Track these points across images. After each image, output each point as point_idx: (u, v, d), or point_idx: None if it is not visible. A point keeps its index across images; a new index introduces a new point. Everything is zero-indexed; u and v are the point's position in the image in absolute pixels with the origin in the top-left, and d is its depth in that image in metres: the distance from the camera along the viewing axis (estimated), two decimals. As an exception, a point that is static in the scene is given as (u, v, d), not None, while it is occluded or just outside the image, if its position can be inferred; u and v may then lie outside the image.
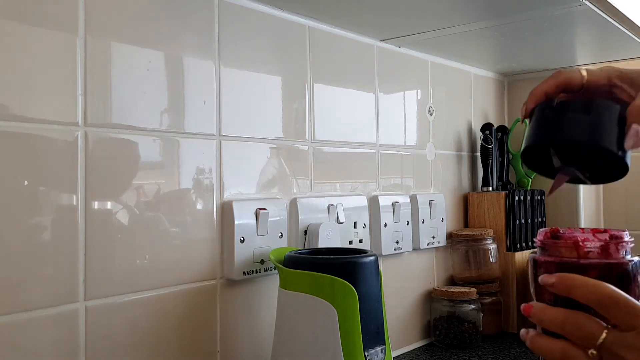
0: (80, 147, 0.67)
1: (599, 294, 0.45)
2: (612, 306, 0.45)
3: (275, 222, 0.87)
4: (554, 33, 1.10)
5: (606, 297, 0.45)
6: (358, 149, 1.07)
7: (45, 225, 0.64)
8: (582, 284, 0.46)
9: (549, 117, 0.53)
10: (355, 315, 0.72)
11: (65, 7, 0.66)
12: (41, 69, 0.64)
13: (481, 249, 1.25)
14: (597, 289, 0.46)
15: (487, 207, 1.32)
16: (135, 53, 0.73)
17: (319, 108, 0.99)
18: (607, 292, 0.45)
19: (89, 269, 0.68)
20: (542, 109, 0.54)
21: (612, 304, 0.45)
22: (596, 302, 0.45)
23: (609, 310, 0.45)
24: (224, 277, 0.82)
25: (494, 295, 1.25)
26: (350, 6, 0.92)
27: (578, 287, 0.47)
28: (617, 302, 0.45)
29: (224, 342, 0.82)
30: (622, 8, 0.96)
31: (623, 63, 1.46)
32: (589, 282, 0.46)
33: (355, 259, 0.75)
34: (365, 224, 1.05)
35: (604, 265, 0.48)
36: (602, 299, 0.45)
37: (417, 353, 1.14)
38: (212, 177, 0.81)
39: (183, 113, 0.78)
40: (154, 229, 0.74)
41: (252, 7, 0.88)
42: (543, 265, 0.51)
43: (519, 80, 1.52)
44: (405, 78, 1.20)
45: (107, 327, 0.69)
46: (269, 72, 0.91)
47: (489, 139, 1.35)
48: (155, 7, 0.75)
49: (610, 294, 0.45)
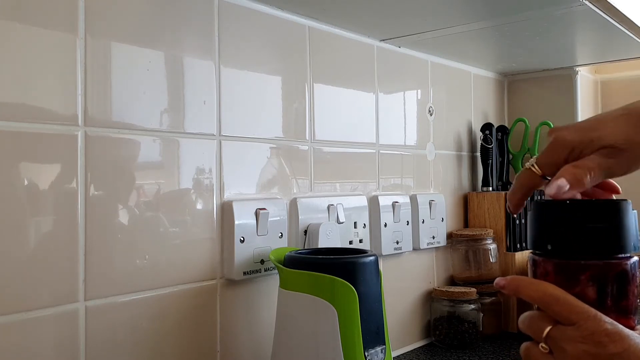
0: (80, 147, 0.67)
1: (541, 293, 0.49)
2: (553, 303, 0.48)
3: (275, 222, 0.87)
4: (554, 33, 1.10)
5: (547, 295, 0.49)
6: (358, 149, 1.07)
7: (45, 225, 0.64)
8: (527, 284, 0.51)
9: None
10: (355, 315, 0.72)
11: (65, 7, 0.66)
12: (41, 69, 0.64)
13: (481, 249, 1.25)
14: (540, 288, 0.49)
15: (487, 207, 1.32)
16: (135, 53, 0.73)
17: (319, 108, 0.99)
18: (549, 290, 0.49)
19: (89, 269, 0.68)
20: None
21: (552, 302, 0.48)
22: (539, 300, 0.49)
23: (551, 307, 0.48)
24: (224, 277, 0.82)
25: (494, 295, 1.25)
26: (350, 6, 0.92)
27: (524, 287, 0.51)
28: (557, 299, 0.48)
29: (224, 342, 0.82)
30: (622, 8, 0.96)
31: (623, 63, 1.46)
32: (534, 282, 0.50)
33: (355, 259, 0.75)
34: (365, 224, 1.05)
35: (602, 265, 0.48)
36: (543, 297, 0.49)
37: (417, 353, 1.14)
38: (212, 177, 0.81)
39: (183, 113, 0.78)
40: (154, 229, 0.74)
41: (252, 7, 0.88)
42: (542, 265, 0.51)
43: (519, 80, 1.52)
44: (405, 78, 1.20)
45: (107, 327, 0.69)
46: (269, 72, 0.91)
47: (489, 139, 1.35)
48: (155, 7, 0.75)
49: (551, 292, 0.49)
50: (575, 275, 0.48)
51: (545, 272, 0.50)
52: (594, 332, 0.46)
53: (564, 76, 1.45)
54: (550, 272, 0.50)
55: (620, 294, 0.49)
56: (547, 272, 0.50)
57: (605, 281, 0.48)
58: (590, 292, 0.48)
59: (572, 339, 0.46)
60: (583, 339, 0.46)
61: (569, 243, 0.49)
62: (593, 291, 0.48)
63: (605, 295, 0.48)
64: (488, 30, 1.06)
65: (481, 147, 1.36)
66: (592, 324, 0.46)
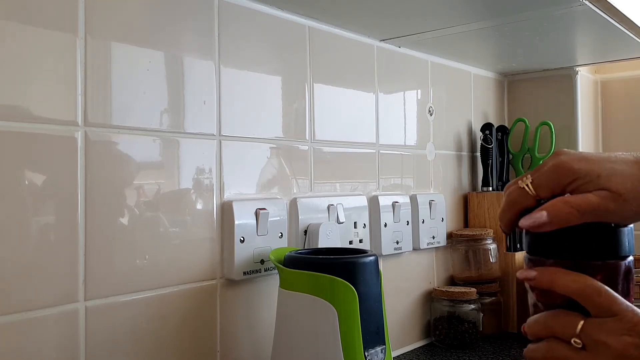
0: (80, 147, 0.67)
1: (582, 284, 0.46)
2: (594, 295, 0.46)
3: (275, 222, 0.87)
4: (553, 33, 1.10)
5: (588, 287, 0.46)
6: (358, 149, 1.07)
7: (45, 225, 0.64)
8: (565, 275, 0.47)
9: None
10: (355, 315, 0.72)
11: (65, 7, 0.66)
12: (41, 69, 0.64)
13: (481, 249, 1.25)
14: (580, 280, 0.47)
15: (487, 207, 1.32)
16: (135, 53, 0.73)
17: (319, 108, 0.99)
18: (589, 282, 0.46)
19: (89, 269, 0.68)
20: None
21: (594, 293, 0.46)
22: (578, 291, 0.46)
23: (592, 298, 0.46)
24: (224, 277, 0.82)
25: (494, 295, 1.25)
26: (350, 6, 0.92)
27: (561, 278, 0.47)
28: (599, 291, 0.46)
29: (224, 342, 0.82)
30: (622, 8, 0.96)
31: (623, 63, 1.46)
32: (571, 273, 0.47)
33: (355, 259, 0.75)
34: (365, 224, 1.05)
35: (614, 264, 0.48)
36: (584, 288, 0.46)
37: (417, 353, 1.14)
38: (212, 177, 0.81)
39: (183, 113, 0.78)
40: (154, 229, 0.74)
41: (252, 7, 0.88)
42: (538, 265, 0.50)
43: (519, 80, 1.52)
44: (405, 78, 1.20)
45: (107, 327, 0.69)
46: (269, 72, 0.91)
47: (489, 139, 1.35)
48: (155, 7, 0.75)
49: (591, 283, 0.46)
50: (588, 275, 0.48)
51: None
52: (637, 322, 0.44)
53: (564, 76, 1.45)
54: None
55: (627, 290, 0.49)
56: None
57: (616, 280, 0.48)
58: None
59: (615, 331, 0.44)
60: (627, 331, 0.44)
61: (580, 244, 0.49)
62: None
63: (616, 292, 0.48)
64: (488, 30, 1.06)
65: (481, 147, 1.36)
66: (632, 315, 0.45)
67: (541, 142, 1.41)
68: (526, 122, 1.41)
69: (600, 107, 1.61)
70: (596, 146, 1.59)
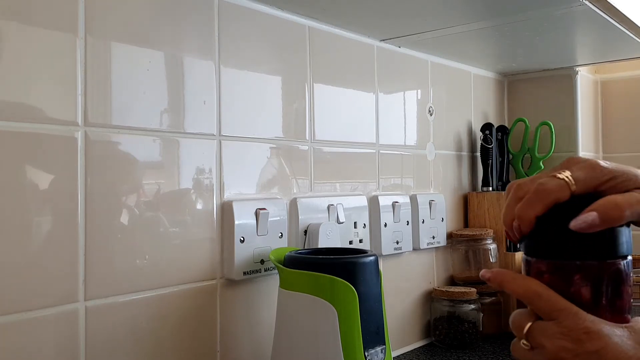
0: (80, 147, 0.67)
1: (524, 288, 0.49)
2: (535, 299, 0.48)
3: (275, 222, 0.87)
4: (554, 33, 1.10)
5: (530, 291, 0.48)
6: (358, 149, 1.07)
7: (45, 225, 0.64)
8: (511, 278, 0.50)
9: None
10: (355, 315, 0.72)
11: (65, 7, 0.66)
12: (41, 69, 0.64)
13: (481, 249, 1.25)
14: (523, 283, 0.49)
15: (487, 207, 1.32)
16: (135, 53, 0.73)
17: (319, 108, 0.99)
18: (532, 286, 0.48)
19: (89, 269, 0.68)
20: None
21: (535, 297, 0.48)
22: (522, 294, 0.49)
23: (533, 302, 0.48)
24: (224, 277, 0.82)
25: (494, 295, 1.25)
26: (350, 6, 0.92)
27: (507, 281, 0.50)
28: (539, 295, 0.48)
29: (224, 342, 0.82)
30: (622, 8, 0.96)
31: (623, 63, 1.46)
32: (518, 277, 0.50)
33: (355, 259, 0.75)
34: (365, 224, 1.05)
35: (597, 265, 0.48)
36: (526, 292, 0.48)
37: (417, 353, 1.14)
38: (212, 177, 0.81)
39: (183, 113, 0.78)
40: (154, 229, 0.74)
41: (252, 7, 0.88)
42: (535, 265, 0.50)
43: (519, 80, 1.52)
44: (405, 78, 1.20)
45: (107, 327, 0.69)
46: (269, 72, 0.91)
47: (489, 139, 1.35)
48: (155, 7, 0.75)
49: (534, 288, 0.48)
50: (570, 276, 0.48)
51: (539, 272, 0.50)
52: (572, 328, 0.46)
53: (564, 76, 1.45)
54: (544, 272, 0.50)
55: (615, 293, 0.49)
56: (540, 272, 0.50)
57: (600, 281, 0.48)
58: (585, 292, 0.48)
59: (552, 334, 0.46)
60: (562, 335, 0.46)
61: (564, 244, 0.49)
62: (587, 291, 0.48)
63: (600, 294, 0.48)
64: (488, 30, 1.06)
65: (481, 147, 1.36)
66: (571, 321, 0.46)
67: (541, 142, 1.41)
68: (526, 122, 1.41)
69: (600, 107, 1.61)
70: (596, 146, 1.59)
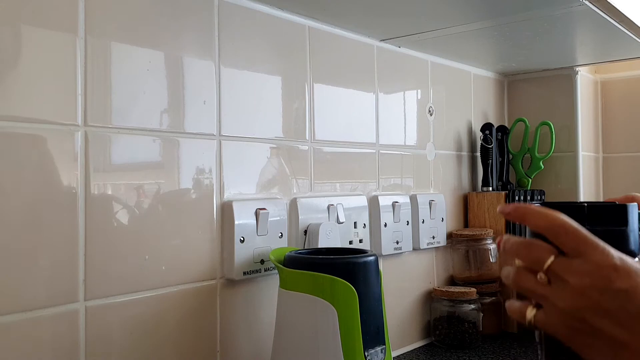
0: (80, 147, 0.67)
1: (550, 221, 0.46)
2: (562, 233, 0.46)
3: (275, 222, 0.87)
4: (554, 33, 1.10)
5: (557, 225, 0.46)
6: (358, 149, 1.07)
7: (45, 225, 0.64)
8: (535, 211, 0.48)
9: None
10: (355, 315, 0.72)
11: (65, 7, 0.66)
12: (41, 69, 0.64)
13: (481, 249, 1.25)
14: (549, 216, 0.47)
15: (487, 207, 1.32)
16: (135, 53, 0.73)
17: (319, 108, 0.99)
18: (559, 220, 0.46)
19: (89, 269, 0.68)
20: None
21: (562, 232, 0.46)
22: (547, 228, 0.47)
23: (559, 237, 0.46)
24: (224, 277, 0.82)
25: (494, 295, 1.25)
26: (350, 6, 0.92)
27: (531, 214, 0.48)
28: (566, 230, 0.46)
29: (224, 342, 0.82)
30: (622, 8, 0.96)
31: (623, 63, 1.46)
32: (542, 210, 0.48)
33: (355, 259, 0.75)
34: (365, 224, 1.05)
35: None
36: (552, 226, 0.46)
37: (417, 353, 1.14)
38: (212, 177, 0.81)
39: (183, 113, 0.78)
40: (154, 229, 0.74)
41: (252, 7, 0.88)
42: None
43: (519, 80, 1.52)
44: (405, 78, 1.20)
45: (107, 327, 0.69)
46: (269, 72, 0.91)
47: (489, 139, 1.35)
48: (155, 7, 0.75)
49: (561, 222, 0.46)
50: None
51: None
52: (601, 265, 0.44)
53: (564, 76, 1.45)
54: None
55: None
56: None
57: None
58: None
59: (577, 271, 0.44)
60: (589, 273, 0.44)
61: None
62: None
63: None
64: (488, 30, 1.06)
65: (481, 147, 1.36)
66: (600, 257, 0.44)
67: (541, 142, 1.42)
68: (526, 122, 1.41)
69: (600, 107, 1.61)
70: (596, 146, 1.59)
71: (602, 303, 0.43)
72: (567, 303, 0.44)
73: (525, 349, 1.14)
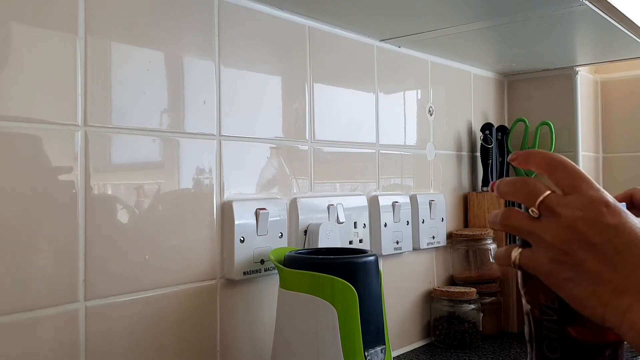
0: (80, 147, 0.67)
1: (549, 158, 0.49)
2: (559, 169, 0.47)
3: (275, 222, 0.87)
4: (554, 33, 1.10)
5: (556, 161, 0.48)
6: (358, 149, 1.07)
7: (45, 225, 0.64)
8: (537, 153, 0.50)
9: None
10: (355, 315, 0.72)
11: (65, 7, 0.66)
12: (41, 69, 0.64)
13: (481, 249, 1.25)
14: (550, 155, 0.49)
15: (487, 207, 1.32)
16: (135, 53, 0.73)
17: (319, 108, 0.99)
18: (558, 157, 0.49)
19: (89, 269, 0.68)
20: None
21: (560, 167, 0.48)
22: (546, 165, 0.48)
23: (557, 172, 0.48)
24: (224, 277, 0.82)
25: (494, 295, 1.25)
26: (350, 6, 0.92)
27: (533, 155, 0.50)
28: (565, 166, 0.47)
29: (224, 342, 0.82)
30: (622, 8, 0.96)
31: (623, 63, 1.46)
32: (543, 152, 0.50)
33: (355, 259, 0.75)
34: (365, 224, 1.05)
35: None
36: (551, 162, 0.48)
37: (417, 353, 1.14)
38: (212, 177, 0.81)
39: (183, 113, 0.78)
40: (154, 229, 0.74)
41: (252, 7, 0.88)
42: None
43: (519, 80, 1.52)
44: (405, 78, 1.20)
45: (107, 327, 0.69)
46: (269, 72, 0.91)
47: (489, 139, 1.35)
48: (155, 7, 0.75)
49: (560, 159, 0.48)
50: None
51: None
52: (594, 200, 0.45)
53: (564, 76, 1.45)
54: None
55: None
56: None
57: None
58: None
59: (570, 205, 0.45)
60: (582, 206, 0.45)
61: None
62: None
63: None
64: (488, 30, 1.06)
65: (481, 147, 1.36)
66: (594, 193, 0.45)
67: (541, 142, 1.42)
68: (526, 122, 1.41)
69: (600, 107, 1.61)
70: (596, 146, 1.59)
71: (591, 237, 0.44)
72: (555, 235, 0.45)
73: (525, 349, 1.14)
